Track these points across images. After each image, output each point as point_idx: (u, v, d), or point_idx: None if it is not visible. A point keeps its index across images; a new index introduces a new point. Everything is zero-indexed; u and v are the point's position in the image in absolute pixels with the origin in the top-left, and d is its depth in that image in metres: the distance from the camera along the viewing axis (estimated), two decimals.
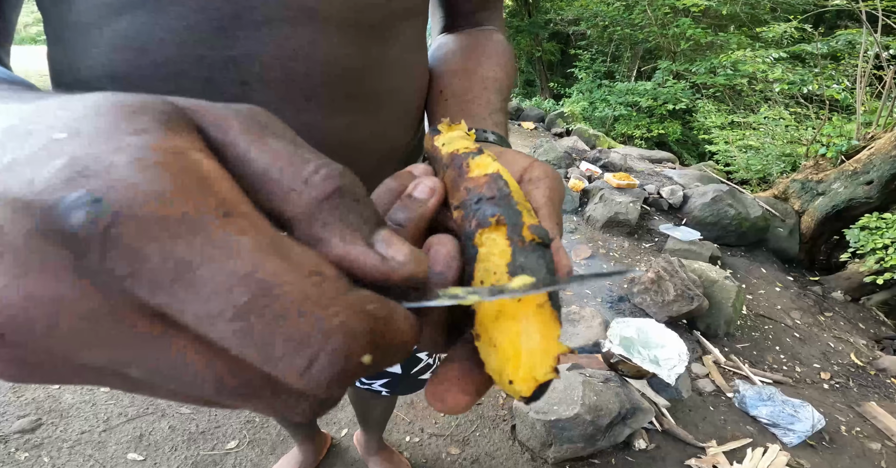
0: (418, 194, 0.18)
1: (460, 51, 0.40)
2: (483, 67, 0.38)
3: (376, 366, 0.11)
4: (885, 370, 1.67)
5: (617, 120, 5.34)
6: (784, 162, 3.30)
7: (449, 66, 0.39)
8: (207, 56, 0.28)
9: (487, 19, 0.44)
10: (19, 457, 1.12)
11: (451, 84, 0.37)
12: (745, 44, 4.91)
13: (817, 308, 2.08)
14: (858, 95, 3.00)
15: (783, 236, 2.51)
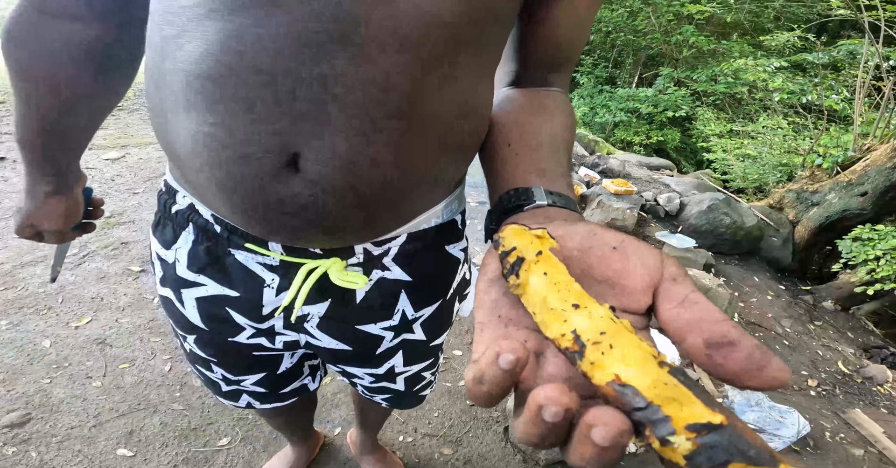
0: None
1: (529, 107, 0.40)
2: (553, 125, 0.38)
3: None
4: (871, 378, 1.74)
5: (617, 126, 5.45)
6: (780, 171, 3.39)
7: (518, 118, 0.38)
8: (298, 70, 0.29)
9: (556, 81, 0.44)
10: (7, 452, 1.14)
11: (521, 138, 0.36)
12: (747, 52, 5.03)
13: (808, 317, 2.16)
14: (857, 106, 3.09)
15: (777, 245, 2.59)
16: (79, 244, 2.05)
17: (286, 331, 0.51)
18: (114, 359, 1.47)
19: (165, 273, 0.49)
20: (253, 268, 0.45)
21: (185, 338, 0.55)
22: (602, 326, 0.19)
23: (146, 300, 1.74)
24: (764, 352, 0.17)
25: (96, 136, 3.64)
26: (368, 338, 0.52)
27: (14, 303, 1.67)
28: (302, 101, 0.30)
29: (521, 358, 0.17)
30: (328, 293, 0.46)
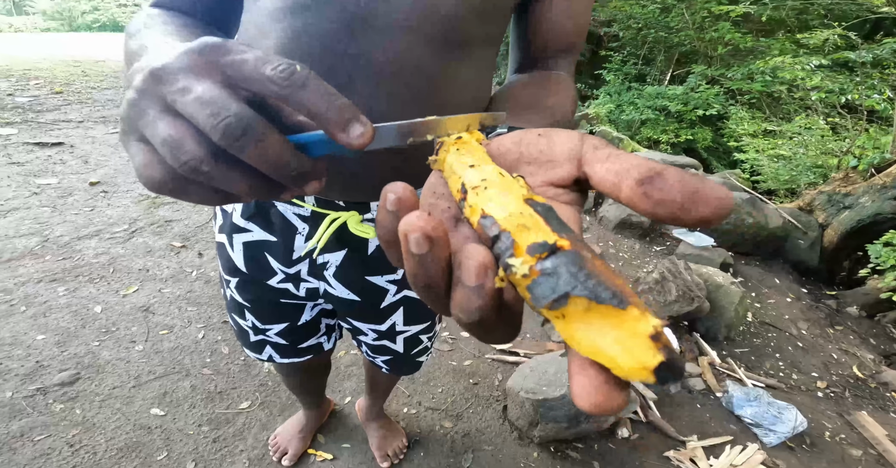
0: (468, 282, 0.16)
1: (532, 84, 0.46)
2: (550, 97, 0.43)
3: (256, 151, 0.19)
4: (886, 384, 1.70)
5: (644, 124, 5.33)
6: (814, 173, 3.26)
7: (515, 93, 0.44)
8: (335, 49, 0.40)
9: (558, 66, 0.50)
10: (55, 409, 1.24)
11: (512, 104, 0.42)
12: (788, 50, 4.79)
13: (828, 321, 2.11)
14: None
15: (803, 248, 2.52)
16: (129, 220, 2.26)
17: (309, 277, 0.60)
18: (155, 325, 1.63)
19: (224, 221, 0.60)
20: (290, 218, 0.55)
21: (229, 283, 0.65)
22: (484, 175, 0.20)
23: (185, 273, 1.91)
24: (695, 176, 0.17)
25: None
26: (375, 289, 0.61)
27: (71, 271, 1.86)
28: (337, 76, 0.41)
29: (401, 197, 0.18)
30: (346, 244, 0.56)
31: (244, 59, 0.21)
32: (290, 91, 0.20)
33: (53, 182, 2.58)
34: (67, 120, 3.69)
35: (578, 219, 0.21)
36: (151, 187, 0.22)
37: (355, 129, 0.21)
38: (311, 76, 0.21)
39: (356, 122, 0.21)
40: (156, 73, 0.21)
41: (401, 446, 1.20)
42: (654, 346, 0.13)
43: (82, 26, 18.47)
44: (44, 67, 5.70)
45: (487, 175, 0.19)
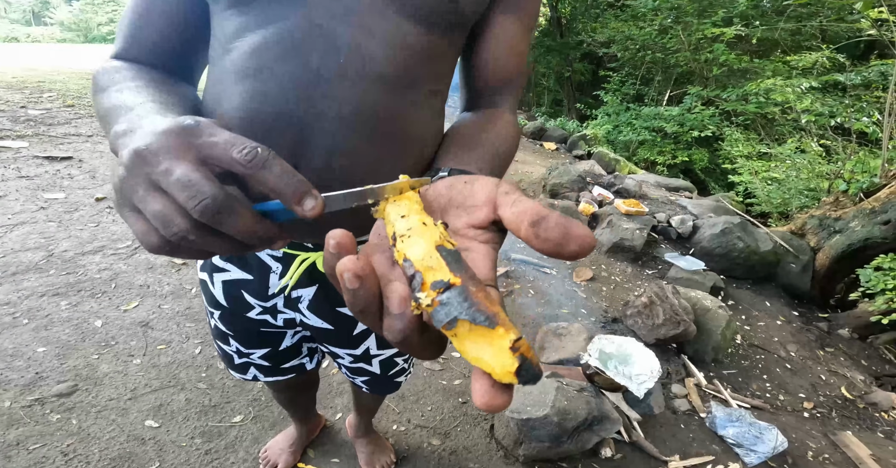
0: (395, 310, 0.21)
1: (473, 123, 0.52)
2: (489, 134, 0.49)
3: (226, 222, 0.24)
4: (875, 404, 1.73)
5: (641, 144, 5.43)
6: (806, 196, 3.32)
7: (459, 131, 0.51)
8: (297, 107, 0.44)
9: (501, 102, 0.55)
10: (51, 419, 1.28)
11: (456, 142, 0.48)
12: (781, 71, 4.93)
13: (818, 343, 2.14)
14: (886, 130, 3.00)
15: (795, 272, 2.57)
16: (132, 237, 2.33)
17: (285, 309, 0.65)
18: (153, 340, 1.68)
19: (205, 261, 0.66)
20: (264, 259, 0.60)
21: (213, 314, 0.69)
22: (410, 224, 0.24)
23: (185, 290, 1.97)
24: (567, 218, 0.22)
25: None
26: (346, 318, 0.66)
27: (74, 286, 1.92)
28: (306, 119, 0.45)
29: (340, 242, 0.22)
30: (316, 280, 0.62)
31: (214, 142, 0.26)
32: (253, 171, 0.25)
33: (61, 197, 2.67)
34: (78, 134, 3.82)
35: (492, 255, 0.26)
36: (151, 251, 0.27)
37: (308, 202, 0.25)
38: (270, 157, 0.25)
39: (309, 197, 0.25)
40: (140, 153, 0.25)
41: (389, 462, 1.23)
42: (512, 355, 0.18)
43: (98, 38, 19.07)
44: (57, 80, 5.89)
45: (412, 225, 0.24)
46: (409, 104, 0.49)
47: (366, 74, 0.44)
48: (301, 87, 0.44)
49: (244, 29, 0.45)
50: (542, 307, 2.11)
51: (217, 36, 0.48)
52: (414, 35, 0.46)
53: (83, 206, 2.59)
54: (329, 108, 0.45)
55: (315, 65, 0.43)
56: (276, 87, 0.44)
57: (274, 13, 0.43)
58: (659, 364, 1.44)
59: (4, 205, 2.52)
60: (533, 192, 3.58)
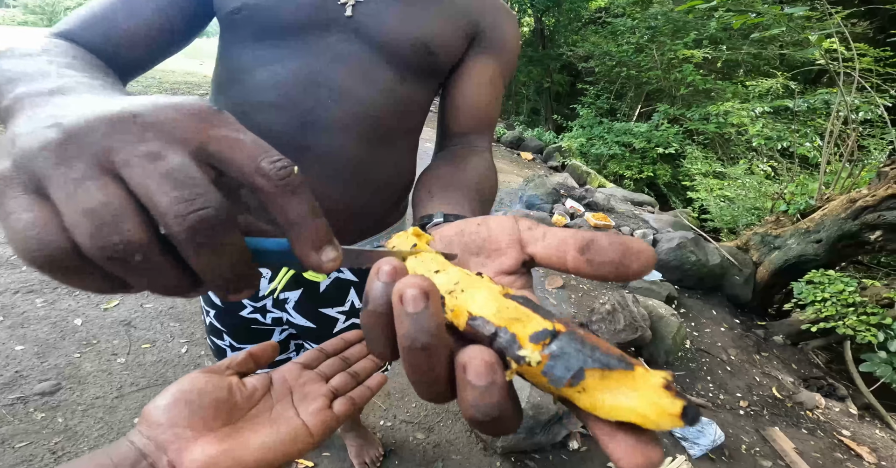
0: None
1: (450, 162, 0.52)
2: (469, 174, 0.49)
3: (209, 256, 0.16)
4: (801, 403, 2.00)
5: (611, 158, 5.74)
6: (753, 214, 3.67)
7: (438, 173, 0.50)
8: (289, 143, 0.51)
9: (476, 141, 0.57)
10: (36, 417, 1.30)
11: (438, 185, 0.46)
12: (740, 93, 5.26)
13: (755, 348, 2.43)
14: (824, 155, 3.31)
15: (738, 284, 2.87)
16: None
17: (273, 309, 0.72)
18: (137, 339, 1.70)
19: None
20: None
21: (209, 313, 0.76)
22: (455, 278, 0.20)
23: None
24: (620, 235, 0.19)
25: None
26: (328, 318, 0.73)
27: (49, 283, 1.90)
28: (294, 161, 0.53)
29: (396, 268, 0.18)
30: (301, 284, 0.69)
31: (240, 139, 0.19)
32: (279, 192, 0.18)
33: None
34: None
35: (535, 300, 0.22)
36: (32, 260, 0.16)
37: (328, 253, 0.20)
38: (303, 183, 0.19)
39: (330, 246, 0.20)
40: (122, 117, 0.17)
41: (377, 455, 1.35)
42: (671, 394, 0.15)
43: None
44: None
45: (457, 278, 0.20)
46: (392, 142, 0.56)
47: (355, 114, 0.52)
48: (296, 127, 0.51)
49: (255, 63, 0.51)
50: None
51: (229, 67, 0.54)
52: (398, 81, 0.53)
53: None
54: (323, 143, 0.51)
55: (310, 105, 0.50)
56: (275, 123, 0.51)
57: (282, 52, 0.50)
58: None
59: None
60: (510, 201, 3.76)
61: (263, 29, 0.50)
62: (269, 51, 0.51)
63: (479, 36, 0.57)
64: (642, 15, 6.21)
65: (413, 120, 0.59)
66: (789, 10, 3.29)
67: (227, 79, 0.54)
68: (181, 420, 0.27)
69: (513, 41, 0.59)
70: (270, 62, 0.51)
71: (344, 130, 0.52)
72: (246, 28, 0.51)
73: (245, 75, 0.52)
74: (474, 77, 0.57)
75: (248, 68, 0.52)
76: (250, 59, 0.52)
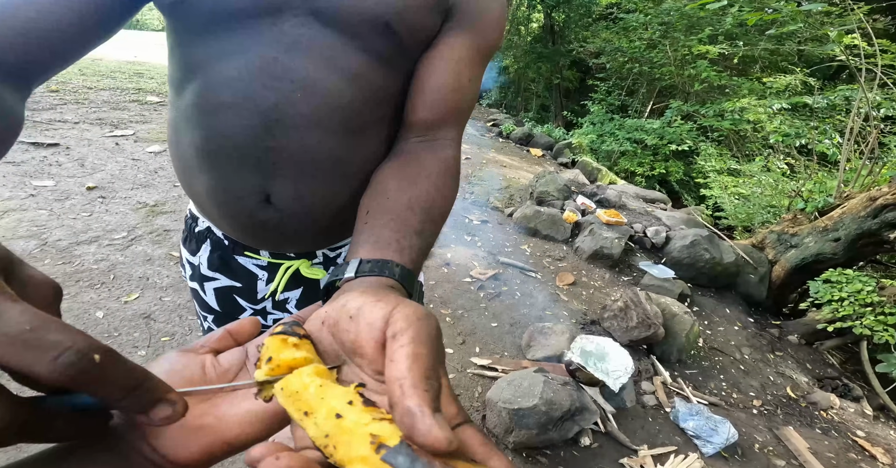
0: None
1: (401, 169, 0.47)
2: (416, 187, 0.44)
3: None
4: (815, 403, 1.99)
5: (622, 155, 5.70)
6: (769, 212, 3.62)
7: (383, 185, 0.45)
8: (255, 144, 0.46)
9: (440, 133, 0.49)
10: None
11: (377, 206, 0.43)
12: (757, 89, 5.18)
13: (769, 347, 2.41)
14: (844, 152, 3.27)
15: (753, 282, 2.84)
16: (128, 228, 2.37)
17: (274, 310, 0.71)
18: (157, 332, 1.75)
19: (193, 272, 0.69)
20: (250, 267, 0.65)
21: (206, 318, 0.74)
22: (326, 429, 0.20)
23: (185, 283, 2.04)
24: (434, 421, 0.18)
25: (141, 130, 3.99)
26: None
27: (71, 276, 1.96)
28: (265, 163, 0.47)
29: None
30: (301, 283, 0.67)
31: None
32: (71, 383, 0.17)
33: (50, 184, 2.66)
34: (63, 120, 3.75)
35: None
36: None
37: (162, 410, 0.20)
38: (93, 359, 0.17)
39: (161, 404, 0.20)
40: None
41: None
42: None
43: None
44: None
45: (329, 430, 0.19)
46: (367, 132, 0.50)
47: (325, 107, 0.46)
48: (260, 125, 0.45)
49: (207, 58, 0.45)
50: (527, 308, 2.29)
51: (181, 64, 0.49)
52: (366, 66, 0.47)
53: (74, 195, 2.60)
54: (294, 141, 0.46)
55: (273, 101, 0.44)
56: (236, 124, 0.45)
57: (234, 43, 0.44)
58: (632, 362, 1.63)
59: None
60: (520, 198, 3.76)
61: (211, 17, 0.44)
62: (220, 43, 0.45)
63: (451, 9, 0.49)
64: (655, 10, 6.13)
65: (387, 107, 0.51)
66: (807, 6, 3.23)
67: (180, 77, 0.49)
68: None
69: (494, 14, 0.51)
70: (223, 56, 0.45)
71: (315, 125, 0.46)
72: (192, 18, 0.45)
73: (198, 72, 0.47)
74: (442, 57, 0.49)
75: (199, 64, 0.46)
76: (201, 54, 0.46)
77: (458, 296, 2.30)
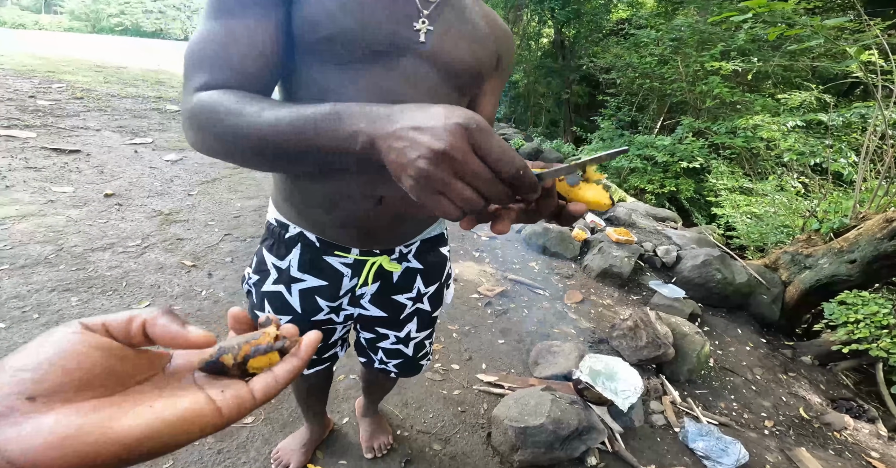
0: None
1: None
2: None
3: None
4: (829, 424, 1.95)
5: (632, 172, 5.71)
6: (782, 232, 3.59)
7: None
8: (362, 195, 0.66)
9: None
10: None
11: None
12: (770, 106, 5.15)
13: (782, 368, 2.38)
14: (860, 172, 3.24)
15: (766, 303, 2.82)
16: (142, 236, 2.44)
17: (348, 306, 0.84)
18: None
19: (280, 275, 0.80)
20: (337, 266, 0.78)
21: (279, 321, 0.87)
22: None
23: (195, 292, 2.08)
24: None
25: (159, 139, 4.12)
26: (397, 305, 0.87)
27: (84, 282, 2.02)
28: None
29: None
30: (379, 277, 0.82)
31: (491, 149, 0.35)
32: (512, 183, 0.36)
33: (69, 191, 2.76)
34: (86, 127, 3.89)
35: None
36: (453, 220, 0.37)
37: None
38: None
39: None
40: (445, 153, 0.33)
41: (386, 442, 1.42)
42: (607, 193, 0.47)
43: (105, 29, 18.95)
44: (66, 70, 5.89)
45: None
46: None
47: None
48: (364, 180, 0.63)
49: (341, 84, 0.57)
50: (535, 325, 2.29)
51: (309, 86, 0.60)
52: (454, 98, 0.66)
53: (92, 202, 2.68)
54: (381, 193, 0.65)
55: None
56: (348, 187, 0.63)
57: (366, 73, 0.58)
58: (641, 381, 1.63)
59: (12, 195, 2.60)
60: None
61: (350, 53, 0.56)
62: (355, 72, 0.58)
63: (498, 62, 0.72)
64: (667, 26, 6.21)
65: None
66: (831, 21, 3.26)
67: (308, 99, 0.60)
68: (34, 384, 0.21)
69: (511, 61, 0.78)
70: (356, 82, 0.58)
71: None
72: (333, 53, 0.57)
73: (331, 96, 0.58)
74: (489, 93, 0.75)
75: (334, 89, 0.58)
76: (336, 81, 0.58)
77: (466, 312, 2.31)
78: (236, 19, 0.52)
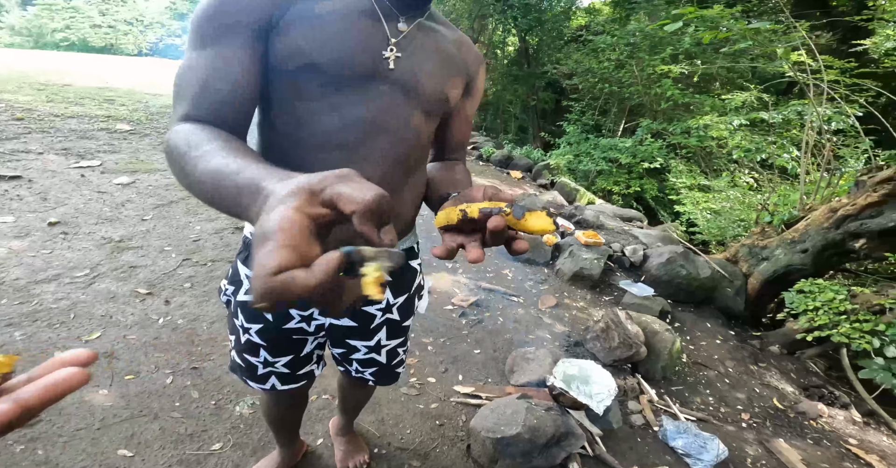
0: None
1: (447, 170, 0.80)
2: (460, 175, 0.77)
3: None
4: (804, 413, 2.01)
5: (599, 174, 5.87)
6: (739, 226, 3.76)
7: (438, 178, 0.77)
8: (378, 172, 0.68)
9: (459, 157, 0.88)
10: (14, 450, 1.27)
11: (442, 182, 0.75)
12: (718, 106, 5.38)
13: (752, 359, 2.45)
14: (803, 166, 3.45)
15: (730, 296, 2.91)
16: (91, 265, 2.29)
17: (319, 316, 0.83)
18: (120, 370, 1.67)
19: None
20: None
21: (248, 330, 0.83)
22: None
23: (152, 320, 1.96)
24: None
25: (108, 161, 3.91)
26: (367, 315, 0.87)
27: (29, 316, 1.87)
28: None
29: None
30: None
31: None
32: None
33: (10, 220, 2.57)
34: (27, 150, 3.64)
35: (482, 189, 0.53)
36: None
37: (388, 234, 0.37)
38: None
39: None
40: None
41: (363, 461, 1.37)
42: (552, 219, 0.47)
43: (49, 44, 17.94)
44: (6, 89, 5.52)
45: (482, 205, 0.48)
46: (414, 168, 0.75)
47: (392, 147, 0.68)
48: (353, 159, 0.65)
49: (321, 111, 0.62)
50: (510, 333, 2.28)
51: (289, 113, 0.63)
52: (422, 121, 0.71)
53: (35, 231, 2.51)
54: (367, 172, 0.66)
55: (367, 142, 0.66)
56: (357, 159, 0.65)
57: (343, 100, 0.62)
58: (615, 383, 1.63)
59: None
60: None
61: (326, 81, 0.61)
62: (330, 99, 0.62)
63: (468, 86, 0.78)
64: (621, 32, 6.47)
65: (427, 150, 0.77)
66: (755, 24, 3.47)
67: (289, 124, 0.64)
68: None
69: (482, 84, 0.83)
70: (332, 108, 0.63)
71: (382, 161, 0.67)
72: (310, 81, 0.60)
73: (311, 120, 0.63)
74: (461, 112, 0.81)
75: (314, 114, 0.63)
76: (313, 107, 0.62)
77: (440, 324, 2.28)
78: (217, 49, 0.55)
